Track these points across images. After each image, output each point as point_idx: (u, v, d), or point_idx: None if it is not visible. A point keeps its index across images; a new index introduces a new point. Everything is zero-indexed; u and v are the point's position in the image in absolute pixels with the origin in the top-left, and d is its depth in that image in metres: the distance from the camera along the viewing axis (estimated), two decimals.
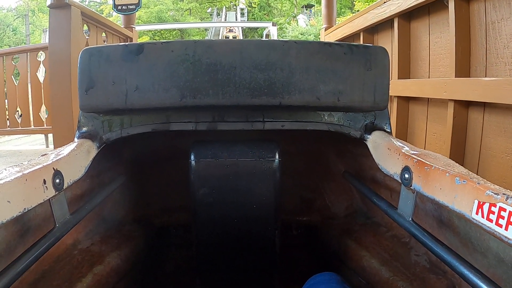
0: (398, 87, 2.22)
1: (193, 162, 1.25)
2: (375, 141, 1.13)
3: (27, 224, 0.90)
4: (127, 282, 1.25)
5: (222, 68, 1.04)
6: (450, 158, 0.94)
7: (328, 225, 1.55)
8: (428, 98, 2.03)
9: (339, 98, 1.08)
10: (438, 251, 0.82)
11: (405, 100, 2.27)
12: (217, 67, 1.04)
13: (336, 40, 3.07)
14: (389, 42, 2.37)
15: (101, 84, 1.06)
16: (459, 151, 1.74)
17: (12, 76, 4.05)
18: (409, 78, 2.21)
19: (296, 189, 1.67)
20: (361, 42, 2.46)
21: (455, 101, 1.70)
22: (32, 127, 4.03)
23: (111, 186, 1.32)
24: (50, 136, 4.04)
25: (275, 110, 1.17)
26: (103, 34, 3.58)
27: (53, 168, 0.89)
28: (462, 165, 0.86)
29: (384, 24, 2.45)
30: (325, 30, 3.76)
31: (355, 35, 2.91)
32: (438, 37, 1.94)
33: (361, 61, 1.08)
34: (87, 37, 3.10)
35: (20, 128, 4.09)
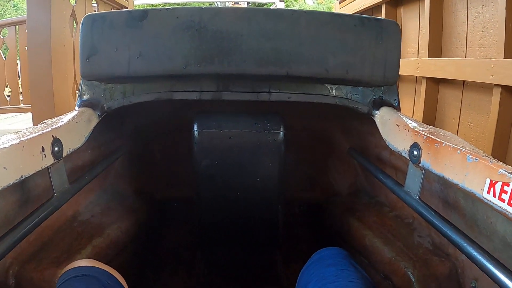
0: (428, 66, 2.00)
1: (196, 133, 1.23)
2: (383, 117, 1.10)
3: (26, 193, 0.89)
4: (126, 255, 1.25)
5: (229, 36, 1.00)
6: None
7: (331, 203, 1.54)
8: (463, 81, 1.81)
9: (348, 70, 1.05)
10: (445, 230, 0.80)
11: (435, 82, 2.05)
12: (223, 35, 1.00)
13: (353, 13, 2.89)
14: (417, 16, 2.18)
15: (103, 51, 1.03)
16: (502, 146, 1.55)
17: (0, 51, 3.85)
18: (441, 57, 2.00)
19: (299, 166, 1.65)
20: (383, 16, 2.31)
21: (503, 86, 1.51)
22: (22, 105, 3.83)
23: (112, 157, 1.31)
24: None
25: (282, 81, 1.13)
26: (94, 2, 3.26)
27: (52, 136, 0.87)
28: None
29: None
30: (340, 3, 3.49)
31: (374, 8, 2.68)
32: (479, 11, 1.73)
33: (372, 34, 1.05)
34: (73, 5, 2.75)
35: (8, 106, 3.87)
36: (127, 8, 3.58)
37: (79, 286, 0.69)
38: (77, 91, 2.28)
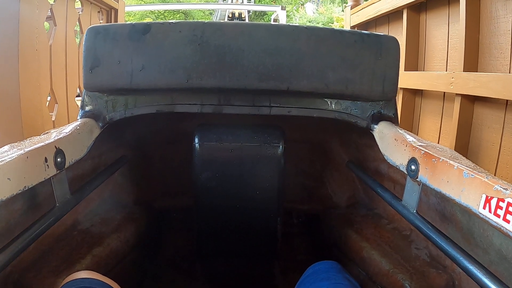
0: (465, 82, 1.69)
1: (197, 145, 1.24)
2: (381, 131, 1.12)
3: (28, 203, 0.89)
4: (126, 265, 1.25)
5: (230, 50, 1.02)
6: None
7: (330, 214, 1.54)
8: (507, 101, 1.57)
9: (348, 85, 1.06)
10: (442, 245, 0.81)
11: (470, 101, 1.75)
12: (225, 50, 1.02)
13: (366, 20, 2.78)
14: (445, 24, 1.96)
15: (106, 63, 1.04)
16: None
17: None
18: (477, 72, 1.75)
19: (298, 177, 1.66)
20: (404, 22, 2.18)
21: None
22: None
23: (113, 167, 1.32)
24: None
25: (282, 96, 1.15)
26: (78, 3, 2.83)
27: (55, 147, 0.88)
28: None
29: None
30: (351, 9, 3.15)
31: (392, 14, 2.45)
32: None
33: (371, 50, 1.07)
34: (52, 3, 2.31)
35: None
36: (116, 9, 3.29)
37: None
38: (56, 104, 2.27)
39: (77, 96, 2.66)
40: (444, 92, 1.95)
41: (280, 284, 1.46)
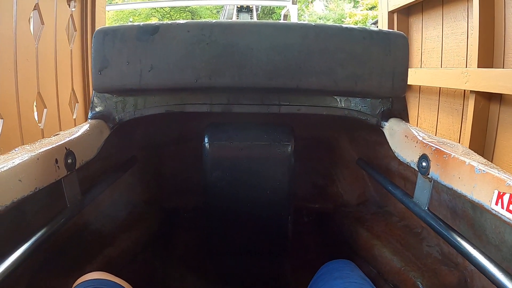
0: (479, 79, 1.69)
1: (207, 144, 1.24)
2: (391, 128, 1.11)
3: (38, 204, 0.90)
4: (137, 264, 1.26)
5: (239, 49, 1.02)
6: None
7: (340, 213, 1.54)
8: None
9: (357, 82, 1.05)
10: (454, 242, 0.80)
11: (485, 98, 1.72)
12: (234, 48, 1.02)
13: (407, 4, 2.54)
14: (464, 19, 1.90)
15: (115, 64, 1.04)
16: None
17: None
18: (492, 67, 1.73)
19: (308, 176, 1.66)
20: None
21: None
22: None
23: (123, 167, 1.32)
24: None
25: (291, 94, 1.15)
26: None
27: (66, 148, 0.89)
28: None
29: None
30: None
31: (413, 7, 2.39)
32: None
33: (380, 47, 1.06)
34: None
35: None
36: None
37: None
38: (45, 109, 2.12)
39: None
40: (464, 91, 1.93)
41: (291, 282, 1.46)
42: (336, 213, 1.57)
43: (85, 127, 1.04)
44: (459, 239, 0.80)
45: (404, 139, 1.01)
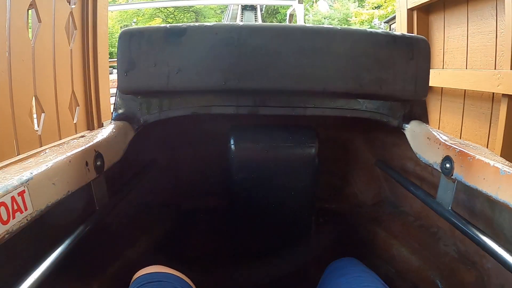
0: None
1: (232, 146, 1.25)
2: (413, 130, 1.13)
3: (69, 207, 0.90)
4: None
5: (267, 52, 1.03)
6: None
7: (356, 213, 1.56)
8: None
9: (382, 86, 1.07)
10: (478, 240, 0.82)
11: None
12: (262, 51, 1.03)
13: (427, 2, 2.44)
14: (492, 17, 1.84)
15: (142, 66, 1.05)
16: None
17: None
18: None
19: (324, 176, 1.67)
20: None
21: None
22: None
23: (145, 169, 1.34)
24: None
25: (317, 96, 1.16)
26: None
27: (95, 150, 0.89)
28: None
29: None
30: None
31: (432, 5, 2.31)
32: None
33: (403, 51, 1.08)
34: None
35: None
36: None
37: None
38: (43, 114, 1.97)
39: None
40: (493, 93, 1.85)
41: (309, 282, 1.46)
42: (353, 213, 1.58)
43: (110, 128, 1.05)
44: (483, 237, 0.81)
45: (426, 141, 1.03)
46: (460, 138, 1.56)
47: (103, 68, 2.72)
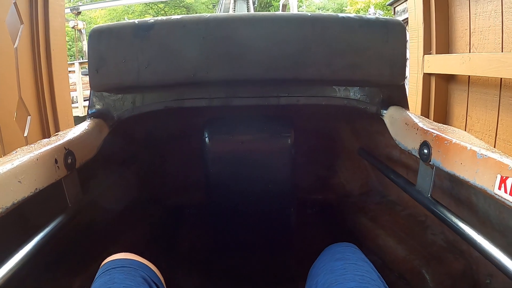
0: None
1: (207, 139, 1.24)
2: (392, 116, 1.10)
3: (40, 205, 0.90)
4: None
5: (236, 42, 1.01)
6: None
7: (343, 203, 1.54)
8: None
9: (355, 71, 1.05)
10: (458, 228, 0.79)
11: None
12: (230, 41, 1.01)
13: None
14: None
15: (111, 62, 1.04)
16: None
17: None
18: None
19: (310, 167, 1.66)
20: None
21: None
22: None
23: (124, 165, 1.33)
24: None
25: (290, 85, 1.14)
26: None
27: (65, 148, 0.89)
28: None
29: None
30: None
31: None
32: None
33: (377, 35, 1.05)
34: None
35: None
36: None
37: (119, 276, 0.72)
38: (29, 116, 1.83)
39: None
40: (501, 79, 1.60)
41: (296, 275, 1.47)
42: (340, 203, 1.57)
43: (83, 126, 1.04)
44: (462, 225, 0.79)
45: (404, 127, 1.00)
46: (496, 139, 1.47)
47: (60, 69, 2.29)
